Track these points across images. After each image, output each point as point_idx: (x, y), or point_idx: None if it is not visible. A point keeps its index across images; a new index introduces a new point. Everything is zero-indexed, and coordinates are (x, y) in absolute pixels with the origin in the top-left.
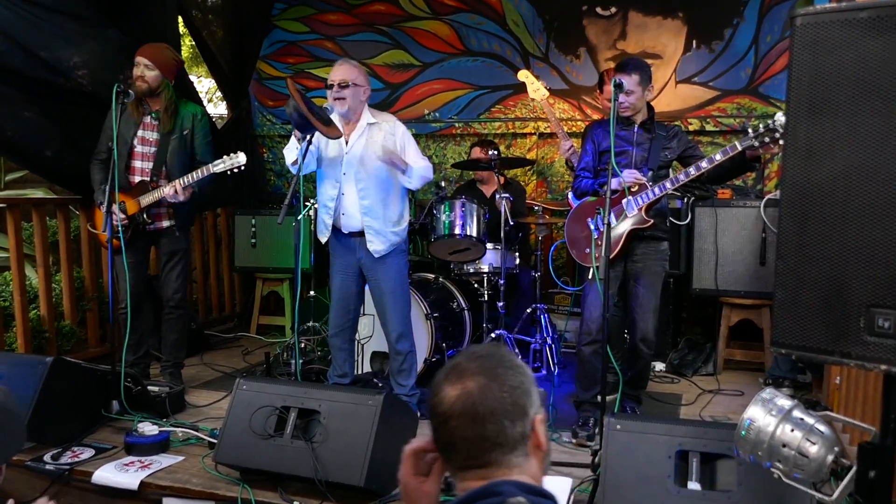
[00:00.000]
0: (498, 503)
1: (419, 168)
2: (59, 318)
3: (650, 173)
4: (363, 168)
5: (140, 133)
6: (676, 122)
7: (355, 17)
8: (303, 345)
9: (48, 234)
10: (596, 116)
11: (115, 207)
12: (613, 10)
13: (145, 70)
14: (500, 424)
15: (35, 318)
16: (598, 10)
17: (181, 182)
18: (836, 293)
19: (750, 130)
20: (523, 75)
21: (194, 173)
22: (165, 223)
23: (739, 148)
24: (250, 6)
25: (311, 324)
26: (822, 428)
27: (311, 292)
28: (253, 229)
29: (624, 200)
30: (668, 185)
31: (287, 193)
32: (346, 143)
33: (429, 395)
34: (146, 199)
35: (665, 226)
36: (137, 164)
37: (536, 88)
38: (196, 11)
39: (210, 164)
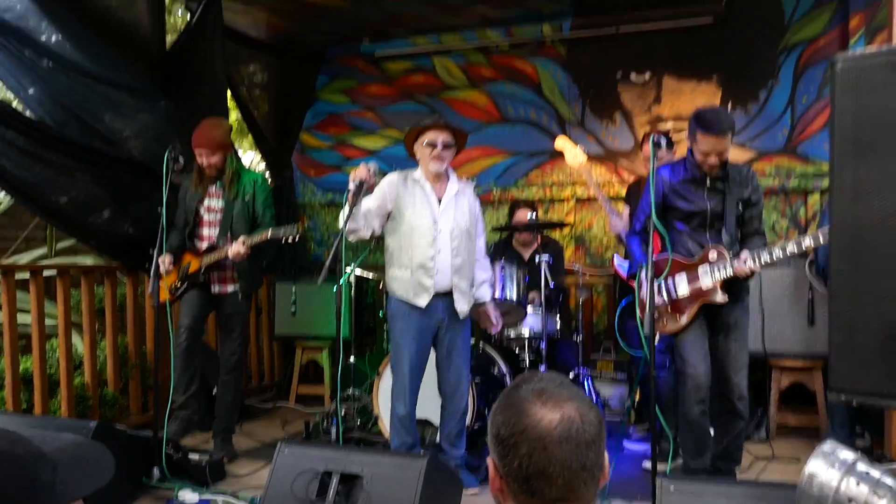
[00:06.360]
0: None
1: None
2: (102, 386)
3: (731, 249)
4: (458, 227)
5: (206, 202)
6: None
7: (395, 88)
8: (343, 412)
9: (95, 302)
10: (633, 179)
11: (165, 259)
12: (648, 75)
13: (208, 157)
14: (598, 454)
15: (79, 385)
16: (633, 76)
17: (242, 241)
18: (894, 335)
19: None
20: (560, 143)
21: (254, 234)
22: (230, 287)
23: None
24: (296, 82)
25: (350, 391)
26: (889, 481)
27: (352, 358)
28: (293, 297)
29: (701, 268)
30: (749, 264)
31: (328, 256)
32: (440, 201)
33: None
34: (208, 259)
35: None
36: (204, 231)
37: (575, 155)
38: (244, 88)
39: (270, 229)
